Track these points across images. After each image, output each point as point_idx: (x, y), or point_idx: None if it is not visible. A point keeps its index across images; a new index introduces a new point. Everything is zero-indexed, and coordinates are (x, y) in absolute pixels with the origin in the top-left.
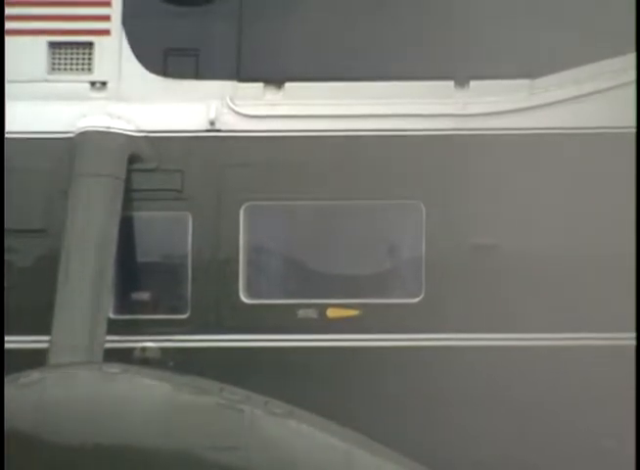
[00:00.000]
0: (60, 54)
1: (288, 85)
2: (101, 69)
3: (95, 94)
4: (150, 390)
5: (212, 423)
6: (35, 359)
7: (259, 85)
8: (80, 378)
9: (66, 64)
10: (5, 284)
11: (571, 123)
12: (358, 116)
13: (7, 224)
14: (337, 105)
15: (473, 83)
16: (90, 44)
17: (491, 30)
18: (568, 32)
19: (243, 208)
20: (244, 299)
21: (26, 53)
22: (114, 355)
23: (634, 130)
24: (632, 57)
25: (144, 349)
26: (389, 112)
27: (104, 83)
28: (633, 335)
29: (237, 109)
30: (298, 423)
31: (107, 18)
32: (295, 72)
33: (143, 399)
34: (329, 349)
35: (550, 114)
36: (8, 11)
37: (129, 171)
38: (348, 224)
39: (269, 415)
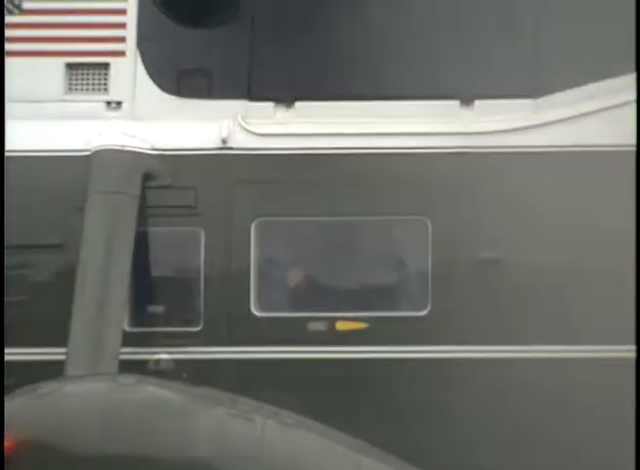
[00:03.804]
0: (76, 75)
1: (298, 104)
2: (116, 89)
3: (110, 113)
4: (163, 401)
5: (225, 433)
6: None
7: (270, 104)
8: (95, 389)
9: (82, 84)
10: (24, 297)
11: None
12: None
13: (25, 240)
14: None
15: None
16: (106, 65)
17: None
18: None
19: (254, 224)
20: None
21: (44, 74)
22: (128, 367)
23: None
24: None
25: (158, 360)
26: (398, 130)
27: (119, 103)
28: None
29: (248, 127)
30: (308, 432)
31: (122, 39)
32: (304, 92)
33: (157, 410)
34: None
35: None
36: (27, 33)
37: (144, 188)
38: (358, 240)
39: (280, 425)
